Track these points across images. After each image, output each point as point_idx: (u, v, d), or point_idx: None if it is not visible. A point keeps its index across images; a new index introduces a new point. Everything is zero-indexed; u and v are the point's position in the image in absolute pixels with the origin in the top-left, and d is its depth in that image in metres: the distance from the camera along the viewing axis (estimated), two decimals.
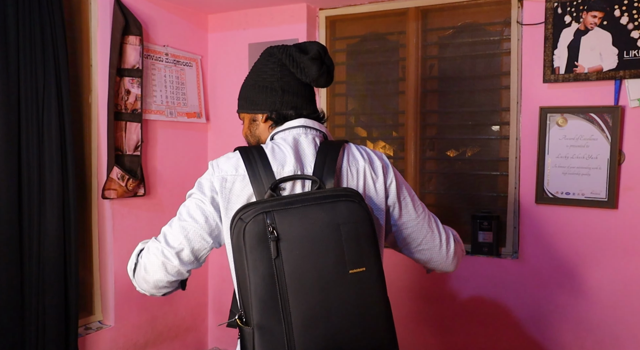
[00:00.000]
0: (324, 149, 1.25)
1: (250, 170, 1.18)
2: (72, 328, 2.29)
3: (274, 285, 1.05)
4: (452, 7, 2.70)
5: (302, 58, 1.29)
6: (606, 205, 2.27)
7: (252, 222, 1.06)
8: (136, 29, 2.56)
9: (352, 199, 1.13)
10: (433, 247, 1.35)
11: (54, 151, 2.19)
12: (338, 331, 1.08)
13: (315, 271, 1.07)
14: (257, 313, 1.06)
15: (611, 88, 2.25)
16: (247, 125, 1.38)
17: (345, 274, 1.08)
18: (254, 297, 1.06)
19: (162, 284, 1.22)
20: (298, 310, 1.06)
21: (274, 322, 1.05)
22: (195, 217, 1.21)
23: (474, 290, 2.59)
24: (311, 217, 1.09)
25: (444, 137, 2.79)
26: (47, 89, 2.17)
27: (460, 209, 2.74)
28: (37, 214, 2.16)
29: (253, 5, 2.95)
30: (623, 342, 2.29)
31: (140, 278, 1.24)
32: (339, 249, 1.09)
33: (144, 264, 1.23)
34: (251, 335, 1.07)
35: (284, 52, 1.32)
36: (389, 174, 1.31)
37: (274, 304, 1.06)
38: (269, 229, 1.06)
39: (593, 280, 2.33)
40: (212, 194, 1.21)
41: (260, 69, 1.34)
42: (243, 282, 1.09)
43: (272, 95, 1.31)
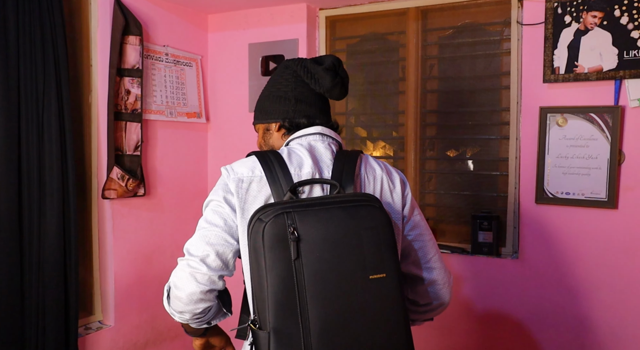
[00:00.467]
0: (342, 156, 1.26)
1: (268, 172, 1.17)
2: (72, 328, 2.29)
3: (292, 287, 1.03)
4: (452, 7, 2.70)
5: (317, 69, 1.30)
6: (606, 205, 2.27)
7: (272, 222, 1.04)
8: (136, 29, 2.56)
9: (373, 204, 1.12)
10: (440, 268, 1.32)
11: (54, 151, 2.19)
12: (357, 338, 1.06)
13: (335, 275, 1.05)
14: (274, 316, 1.03)
15: (611, 88, 2.25)
16: (261, 135, 1.39)
17: (365, 280, 1.07)
18: (271, 299, 1.03)
19: (197, 296, 1.15)
20: (317, 314, 1.03)
21: (292, 326, 1.03)
22: (213, 222, 1.18)
23: (474, 290, 2.59)
24: (333, 220, 1.07)
25: (444, 137, 2.79)
26: (47, 89, 2.17)
27: (460, 209, 2.74)
28: (37, 214, 2.16)
29: (253, 5, 2.95)
30: (623, 342, 2.29)
31: (174, 298, 1.17)
32: (361, 253, 1.07)
33: (173, 282, 1.17)
34: (267, 339, 1.04)
35: (299, 63, 1.34)
36: (406, 187, 1.33)
37: (292, 307, 1.03)
38: (289, 229, 1.04)
39: (593, 280, 2.33)
40: (227, 196, 1.18)
41: (276, 80, 1.37)
42: (259, 284, 1.06)
43: (286, 104, 1.32)
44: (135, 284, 2.71)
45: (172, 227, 2.90)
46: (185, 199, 2.98)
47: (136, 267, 2.71)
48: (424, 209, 2.83)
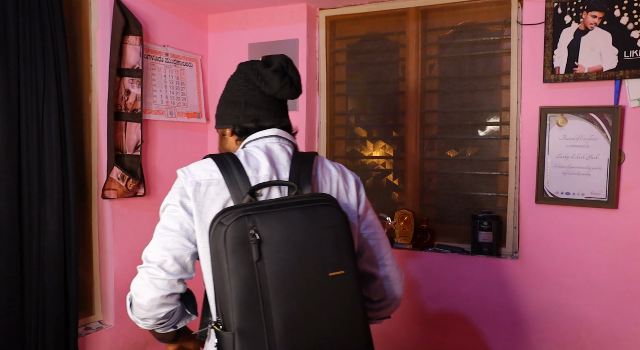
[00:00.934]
0: (298, 158, 1.28)
1: (226, 175, 1.19)
2: (72, 328, 2.29)
3: (255, 288, 1.05)
4: (452, 7, 2.70)
5: (265, 71, 1.32)
6: (606, 205, 2.27)
7: (233, 226, 1.06)
8: (136, 29, 2.56)
9: (331, 204, 1.15)
10: (392, 265, 1.35)
11: (54, 151, 2.19)
12: (319, 334, 1.09)
13: (296, 274, 1.08)
14: (238, 317, 1.05)
15: (611, 88, 2.25)
16: (219, 140, 1.41)
17: (325, 277, 1.10)
18: (234, 300, 1.05)
19: (157, 301, 1.16)
20: (280, 313, 1.06)
21: (256, 326, 1.05)
22: (169, 226, 1.18)
23: (474, 290, 2.59)
24: (292, 221, 1.10)
25: (444, 137, 2.79)
26: (47, 89, 2.17)
27: (460, 209, 2.74)
28: (37, 214, 2.16)
29: (253, 5, 2.95)
30: (623, 342, 2.29)
31: (136, 306, 1.18)
32: (320, 252, 1.10)
33: (133, 291, 1.18)
34: (231, 340, 1.05)
35: (250, 66, 1.36)
36: (360, 188, 1.36)
37: (256, 308, 1.05)
38: (250, 231, 1.06)
39: (593, 280, 2.33)
40: (183, 199, 1.20)
41: (230, 85, 1.40)
42: (222, 287, 1.08)
43: (236, 109, 1.35)
44: None
45: None
46: None
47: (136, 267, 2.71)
48: (424, 209, 2.83)
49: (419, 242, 2.76)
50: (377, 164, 3.00)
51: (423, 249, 2.73)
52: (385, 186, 2.96)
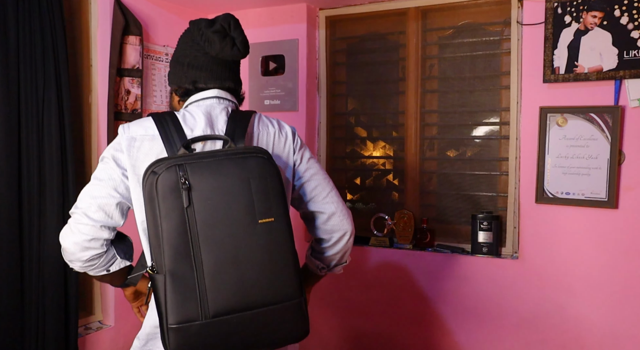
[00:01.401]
0: (235, 115, 1.33)
1: (162, 131, 1.24)
2: (72, 328, 2.29)
3: (185, 233, 1.11)
4: (452, 7, 2.70)
5: (207, 31, 1.32)
6: (606, 205, 2.27)
7: (164, 174, 1.12)
8: (136, 29, 2.56)
9: (262, 156, 1.20)
10: (338, 202, 1.39)
11: (54, 151, 2.19)
12: (247, 277, 1.14)
13: (226, 220, 1.13)
14: (169, 260, 1.11)
15: (611, 88, 2.25)
16: (169, 98, 1.45)
17: (254, 224, 1.15)
18: (166, 244, 1.11)
19: (80, 245, 1.23)
20: (209, 257, 1.11)
21: (186, 269, 1.11)
22: (99, 177, 1.25)
23: (474, 290, 2.59)
24: (222, 171, 1.15)
25: (444, 137, 2.79)
26: (47, 89, 2.17)
27: (460, 209, 2.74)
28: (37, 214, 2.16)
29: (253, 5, 2.95)
30: (623, 342, 2.29)
31: (63, 250, 1.25)
32: (249, 200, 1.15)
33: (61, 235, 1.25)
34: (163, 282, 1.11)
35: (196, 26, 1.35)
36: (296, 137, 1.41)
37: (186, 251, 1.11)
38: (181, 180, 1.11)
39: (593, 280, 2.33)
40: (116, 153, 1.25)
41: (179, 44, 1.40)
42: (155, 232, 1.13)
43: (179, 70, 1.38)
44: None
45: None
46: None
47: None
48: (424, 209, 2.83)
49: (419, 242, 2.76)
50: (377, 164, 3.00)
51: (423, 249, 2.73)
52: (385, 186, 2.96)
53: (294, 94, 2.92)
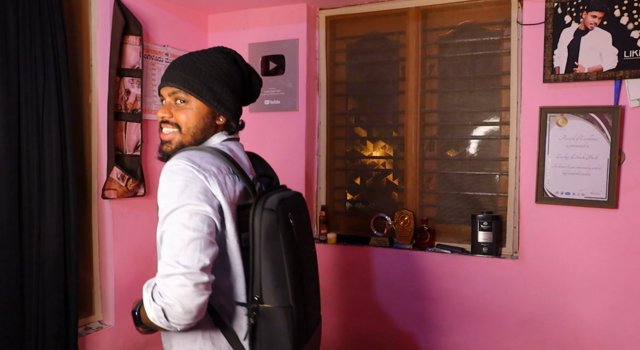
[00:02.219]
0: (255, 156, 1.49)
1: (234, 167, 1.25)
2: (72, 328, 2.29)
3: (300, 269, 1.23)
4: (452, 7, 2.70)
5: (251, 69, 1.40)
6: (606, 205, 2.27)
7: (280, 211, 1.19)
8: (136, 29, 2.56)
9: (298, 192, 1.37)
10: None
11: (54, 151, 2.19)
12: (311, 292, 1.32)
13: (308, 252, 1.30)
14: (292, 292, 1.18)
15: (611, 88, 2.25)
16: (198, 116, 1.30)
17: (313, 254, 1.31)
18: (290, 277, 1.19)
19: (204, 305, 1.13)
20: (308, 287, 1.26)
21: (300, 302, 1.21)
22: (197, 228, 1.14)
23: (474, 290, 2.59)
24: (299, 207, 1.28)
25: (444, 137, 2.79)
26: (47, 89, 2.17)
27: (460, 209, 2.74)
28: (37, 214, 2.16)
29: (253, 5, 2.95)
30: (623, 342, 2.29)
31: (179, 316, 1.11)
32: (310, 231, 1.33)
33: (173, 301, 1.10)
34: (289, 314, 1.18)
35: (247, 67, 1.39)
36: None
37: (301, 287, 1.22)
38: (289, 216, 1.21)
39: (593, 280, 2.33)
40: (207, 195, 1.17)
41: (227, 68, 1.32)
42: (275, 267, 1.18)
43: (237, 103, 1.35)
44: (135, 284, 2.71)
45: None
46: None
47: (136, 267, 2.71)
48: (424, 209, 2.83)
49: (419, 242, 2.76)
50: (377, 164, 3.00)
51: (423, 249, 2.73)
52: (385, 186, 2.96)
53: (294, 94, 2.92)
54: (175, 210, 1.14)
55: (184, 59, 1.33)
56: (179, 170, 1.17)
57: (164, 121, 1.30)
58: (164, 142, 1.31)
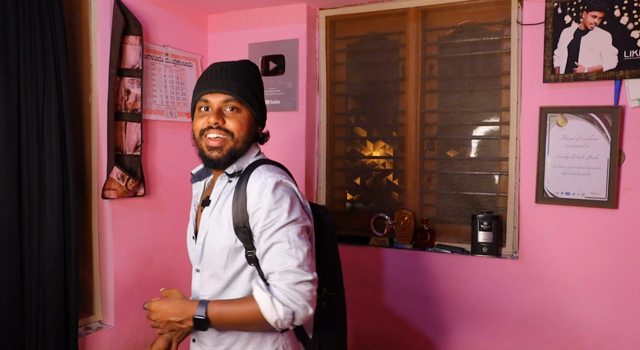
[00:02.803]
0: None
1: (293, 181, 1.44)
2: (72, 328, 2.29)
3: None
4: (452, 7, 2.70)
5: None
6: (606, 205, 2.27)
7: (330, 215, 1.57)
8: (136, 29, 2.56)
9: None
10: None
11: (54, 151, 2.19)
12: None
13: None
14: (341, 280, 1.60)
15: (611, 88, 2.25)
16: (247, 124, 1.41)
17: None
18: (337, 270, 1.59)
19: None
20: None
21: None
22: (309, 241, 1.35)
23: (474, 290, 2.59)
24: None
25: (444, 137, 2.79)
26: (47, 89, 2.17)
27: (460, 209, 2.74)
28: (37, 214, 2.16)
29: (253, 5, 2.95)
30: (623, 342, 2.29)
31: (305, 318, 1.29)
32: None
33: (305, 305, 1.27)
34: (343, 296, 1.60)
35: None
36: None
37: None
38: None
39: (593, 280, 2.33)
40: (305, 209, 1.39)
41: (261, 81, 1.48)
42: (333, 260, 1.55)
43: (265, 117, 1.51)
44: (135, 284, 2.71)
45: (172, 227, 2.90)
46: (185, 199, 2.98)
47: (136, 267, 2.71)
48: (424, 209, 2.83)
49: (419, 242, 2.76)
50: (377, 164, 3.00)
51: (423, 249, 2.73)
52: (385, 186, 2.96)
53: (294, 94, 2.92)
54: (289, 224, 1.29)
55: (229, 68, 1.39)
56: (283, 186, 1.33)
57: (211, 127, 1.36)
58: (213, 148, 1.38)
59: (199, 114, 1.40)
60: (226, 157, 1.38)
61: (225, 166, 1.41)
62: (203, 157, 1.42)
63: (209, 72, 1.40)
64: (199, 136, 1.40)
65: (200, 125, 1.38)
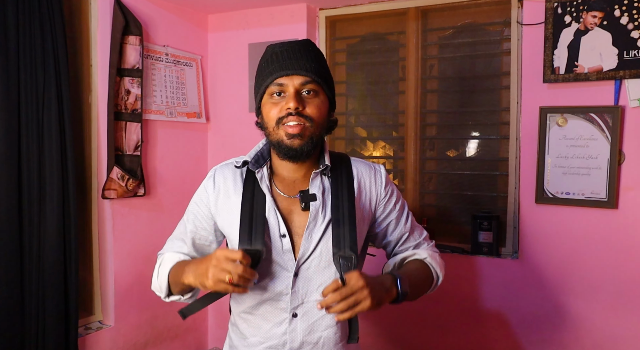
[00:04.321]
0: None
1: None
2: (72, 328, 2.29)
3: None
4: (452, 7, 2.70)
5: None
6: (606, 205, 2.27)
7: None
8: (136, 29, 2.56)
9: None
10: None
11: (54, 151, 2.19)
12: None
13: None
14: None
15: (611, 88, 2.25)
16: (325, 109, 1.25)
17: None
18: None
19: None
20: None
21: None
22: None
23: (474, 290, 2.59)
24: None
25: (444, 137, 2.79)
26: (47, 89, 2.17)
27: (460, 209, 2.74)
28: (37, 214, 2.16)
29: (253, 5, 2.95)
30: (623, 342, 2.29)
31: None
32: None
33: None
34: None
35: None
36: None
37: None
38: None
39: (593, 280, 2.33)
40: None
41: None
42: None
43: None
44: (135, 284, 2.71)
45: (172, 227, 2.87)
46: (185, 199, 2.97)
47: (136, 267, 2.71)
48: (424, 209, 2.83)
49: None
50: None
51: None
52: None
53: None
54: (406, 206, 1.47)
55: (299, 47, 1.24)
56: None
57: (291, 114, 1.20)
58: (294, 135, 1.20)
59: (272, 100, 1.23)
60: (308, 144, 1.22)
61: (308, 155, 1.24)
62: (281, 147, 1.22)
63: (277, 53, 1.23)
64: (275, 125, 1.22)
65: (278, 113, 1.21)
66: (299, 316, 1.27)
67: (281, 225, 1.26)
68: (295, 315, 1.27)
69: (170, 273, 1.32)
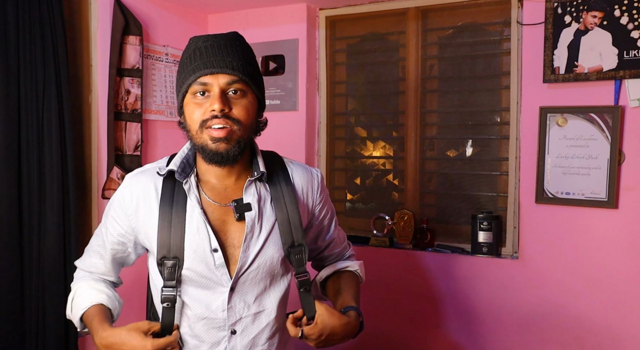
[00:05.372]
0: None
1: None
2: (72, 328, 2.29)
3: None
4: (452, 7, 2.70)
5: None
6: (606, 205, 2.27)
7: None
8: (136, 29, 2.56)
9: None
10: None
11: (54, 151, 2.19)
12: None
13: None
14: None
15: (611, 88, 2.25)
16: (253, 110, 1.17)
17: None
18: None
19: None
20: None
21: None
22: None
23: (473, 290, 2.59)
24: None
25: (444, 137, 2.79)
26: (47, 89, 2.17)
27: (460, 209, 2.74)
28: (37, 214, 2.16)
29: (253, 5, 2.95)
30: (623, 342, 2.29)
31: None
32: None
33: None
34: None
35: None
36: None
37: None
38: None
39: (593, 280, 2.33)
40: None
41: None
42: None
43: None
44: (135, 283, 2.71)
45: None
46: None
47: (136, 267, 2.70)
48: (424, 209, 2.83)
49: (419, 242, 2.76)
50: (377, 164, 3.00)
51: (423, 249, 2.73)
52: (385, 186, 2.96)
53: (294, 94, 2.93)
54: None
55: (224, 41, 1.14)
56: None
57: (215, 116, 1.10)
58: (219, 139, 1.10)
59: (195, 100, 1.12)
60: (236, 148, 1.12)
61: (235, 160, 1.15)
62: (206, 151, 1.13)
63: (200, 49, 1.14)
64: (199, 128, 1.12)
65: (201, 115, 1.11)
66: (238, 333, 1.20)
67: (212, 240, 1.16)
68: (234, 332, 1.20)
69: (84, 319, 1.24)
